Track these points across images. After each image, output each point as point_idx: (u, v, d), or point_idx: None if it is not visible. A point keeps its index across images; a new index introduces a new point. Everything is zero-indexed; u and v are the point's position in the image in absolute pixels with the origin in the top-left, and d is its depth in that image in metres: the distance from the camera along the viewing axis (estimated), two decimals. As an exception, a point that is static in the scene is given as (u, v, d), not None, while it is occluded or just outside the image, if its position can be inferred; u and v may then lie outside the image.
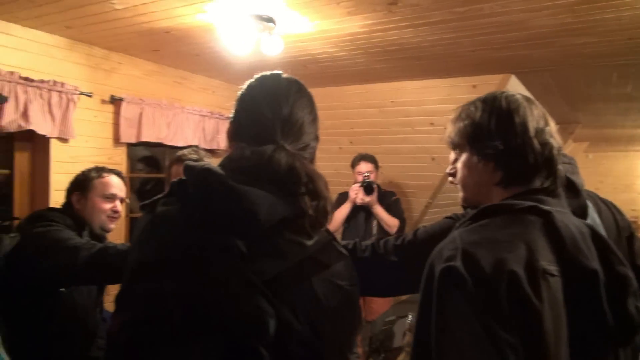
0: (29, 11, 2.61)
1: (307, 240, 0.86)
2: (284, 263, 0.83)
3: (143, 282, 0.86)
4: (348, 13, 2.52)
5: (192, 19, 2.65)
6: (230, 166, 0.90)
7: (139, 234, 0.93)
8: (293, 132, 0.95)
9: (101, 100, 3.35)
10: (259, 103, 0.97)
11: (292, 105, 0.96)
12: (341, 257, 0.92)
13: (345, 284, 0.90)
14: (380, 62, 3.49)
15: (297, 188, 0.87)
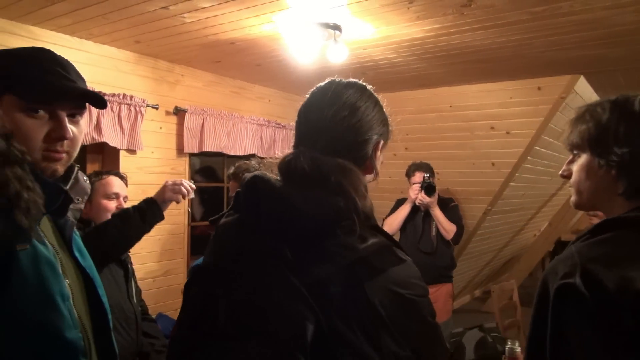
0: (103, 27, 2.69)
1: (360, 243, 0.80)
2: (332, 267, 0.78)
3: (197, 285, 0.90)
4: (417, 18, 2.48)
5: (258, 30, 2.66)
6: (285, 172, 0.90)
7: (208, 245, 0.97)
8: (356, 139, 0.93)
9: (165, 111, 3.43)
10: (320, 109, 0.96)
11: (355, 111, 0.94)
12: (400, 262, 0.84)
13: (407, 293, 0.81)
14: (440, 66, 3.42)
15: (348, 191, 0.84)
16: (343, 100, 0.94)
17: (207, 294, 0.84)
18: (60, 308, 0.90)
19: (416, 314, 0.81)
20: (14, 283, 0.82)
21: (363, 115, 0.94)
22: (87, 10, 2.43)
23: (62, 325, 0.89)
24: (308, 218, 0.80)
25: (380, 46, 2.99)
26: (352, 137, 0.92)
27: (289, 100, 4.51)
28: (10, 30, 2.61)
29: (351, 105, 0.93)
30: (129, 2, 2.31)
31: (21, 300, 0.83)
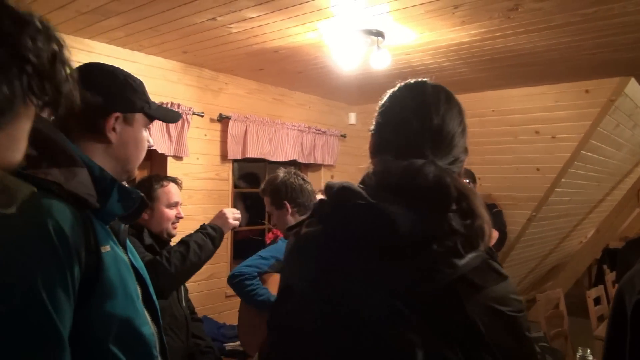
0: (153, 39, 2.79)
1: (458, 259, 0.76)
2: (431, 285, 0.74)
3: (287, 304, 0.86)
4: (462, 22, 2.46)
5: (302, 38, 2.71)
6: (372, 182, 0.86)
7: (286, 256, 0.94)
8: (444, 145, 0.87)
9: (210, 119, 3.52)
10: (405, 113, 0.90)
11: (442, 115, 0.88)
12: (500, 278, 0.80)
13: (508, 310, 0.77)
14: (484, 70, 3.37)
15: (447, 205, 0.79)
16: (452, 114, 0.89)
17: (295, 314, 0.82)
18: (137, 305, 0.96)
19: (516, 331, 0.78)
20: (102, 282, 0.87)
21: (462, 131, 0.91)
22: (139, 23, 2.53)
23: (139, 321, 0.94)
24: (405, 233, 0.76)
25: (423, 51, 2.98)
26: (456, 154, 0.89)
27: (329, 106, 4.54)
28: (68, 44, 2.73)
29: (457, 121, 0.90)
30: (178, 15, 2.40)
31: (109, 298, 0.88)
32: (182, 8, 2.30)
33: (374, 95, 4.52)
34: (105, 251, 0.90)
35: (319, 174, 4.50)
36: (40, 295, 0.76)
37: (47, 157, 0.89)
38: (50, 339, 0.77)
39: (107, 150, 1.03)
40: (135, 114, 1.07)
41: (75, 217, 0.85)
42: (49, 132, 0.93)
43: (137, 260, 1.09)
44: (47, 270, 0.78)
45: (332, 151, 4.40)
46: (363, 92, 4.21)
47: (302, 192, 2.10)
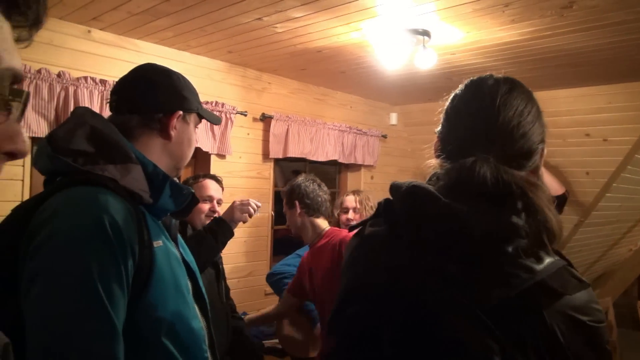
0: (200, 39, 2.85)
1: (536, 264, 0.72)
2: (507, 290, 0.71)
3: (351, 306, 0.84)
4: (512, 21, 2.39)
5: (346, 37, 2.70)
6: (438, 183, 0.83)
7: (348, 256, 0.92)
8: (501, 139, 0.82)
9: (253, 118, 3.56)
10: (460, 112, 0.88)
11: (498, 108, 0.83)
12: (581, 285, 0.75)
13: (588, 320, 0.73)
14: (532, 70, 3.27)
15: (510, 204, 0.75)
16: (513, 103, 0.84)
17: (360, 316, 0.80)
18: (188, 299, 0.98)
19: (597, 342, 0.74)
20: (156, 276, 0.89)
21: (532, 120, 0.84)
22: (188, 23, 2.58)
23: (190, 315, 0.96)
24: (479, 235, 0.72)
25: (469, 51, 2.92)
26: (526, 146, 0.83)
27: (370, 106, 4.52)
28: (119, 44, 2.84)
29: (521, 110, 0.84)
30: (226, 15, 2.44)
31: (162, 291, 0.90)
32: (229, 8, 2.34)
33: (416, 95, 4.48)
34: (157, 246, 0.92)
35: (358, 174, 4.48)
36: (95, 286, 0.79)
37: (104, 154, 0.93)
38: (104, 329, 0.79)
39: (165, 147, 1.06)
40: (192, 113, 1.11)
41: (130, 212, 0.87)
42: (106, 129, 0.97)
43: (188, 255, 1.12)
44: (103, 263, 0.81)
45: (372, 151, 4.38)
46: (405, 93, 4.16)
47: (312, 195, 2.22)
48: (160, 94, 1.06)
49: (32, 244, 0.81)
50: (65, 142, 0.92)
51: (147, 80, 1.08)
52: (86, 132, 0.94)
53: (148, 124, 1.04)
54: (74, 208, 0.85)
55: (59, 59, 2.61)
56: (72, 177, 0.89)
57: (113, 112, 1.07)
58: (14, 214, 0.90)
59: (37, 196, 0.90)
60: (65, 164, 0.90)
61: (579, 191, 4.00)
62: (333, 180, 4.53)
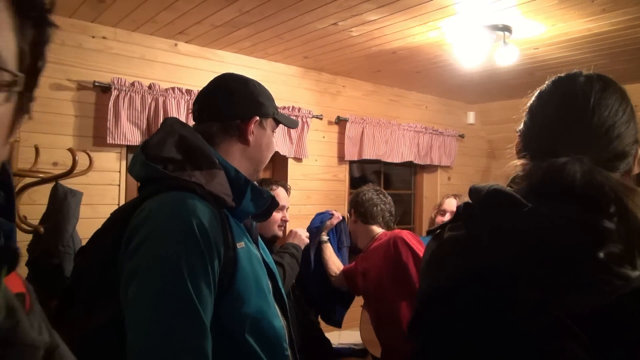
0: (277, 47, 2.94)
1: (631, 270, 0.67)
2: (598, 297, 0.67)
3: (431, 310, 0.83)
4: (602, 11, 2.24)
5: (423, 37, 2.66)
6: (522, 185, 0.80)
7: (427, 260, 0.90)
8: (596, 139, 0.78)
9: (328, 121, 3.61)
10: (547, 109, 0.84)
11: (593, 107, 0.79)
12: None
13: None
14: (628, 61, 3.04)
15: (602, 207, 0.70)
16: (608, 102, 0.80)
17: (440, 320, 0.80)
18: (269, 299, 1.02)
19: None
20: (239, 276, 0.94)
21: (627, 119, 0.80)
22: (265, 32, 2.67)
23: (271, 314, 1.00)
24: (568, 240, 0.70)
25: (554, 44, 2.76)
26: (620, 147, 0.79)
27: (446, 106, 4.42)
28: (202, 55, 3.00)
29: (616, 109, 0.80)
30: (302, 22, 2.49)
31: (245, 291, 0.95)
32: (305, 15, 2.39)
33: (495, 93, 4.30)
34: (240, 247, 0.97)
35: (435, 175, 4.39)
36: (186, 285, 0.84)
37: (191, 160, 0.99)
38: (194, 325, 0.84)
39: (244, 152, 1.11)
40: (269, 118, 1.15)
41: (215, 215, 0.92)
42: (192, 138, 1.03)
43: (268, 256, 1.16)
44: (192, 264, 0.86)
45: (449, 152, 4.27)
46: (484, 90, 4.02)
47: (367, 204, 2.30)
48: (238, 101, 1.11)
49: (130, 245, 0.88)
50: (157, 151, 0.99)
51: (225, 89, 1.14)
52: (175, 141, 1.01)
53: (227, 130, 1.09)
54: (166, 212, 0.91)
55: (149, 71, 2.80)
56: (164, 183, 0.95)
57: (196, 121, 1.13)
58: (113, 217, 0.99)
59: (133, 201, 0.98)
60: (157, 170, 0.97)
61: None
62: (409, 182, 4.47)
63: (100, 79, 2.61)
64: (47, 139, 2.48)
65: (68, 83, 2.56)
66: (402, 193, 4.42)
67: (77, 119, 2.59)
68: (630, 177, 0.81)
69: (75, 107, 2.59)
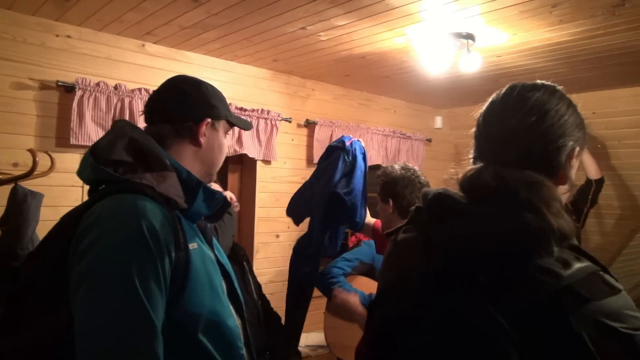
0: (246, 49, 2.94)
1: (563, 269, 0.71)
2: (531, 295, 0.70)
3: (382, 308, 0.87)
4: (560, 22, 2.33)
5: (390, 43, 2.71)
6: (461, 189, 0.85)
7: (384, 261, 0.95)
8: (506, 144, 0.84)
9: (297, 124, 3.63)
10: (483, 118, 0.91)
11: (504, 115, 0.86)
12: (612, 291, 0.73)
13: (622, 327, 0.71)
14: (584, 70, 3.16)
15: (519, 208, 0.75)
16: (530, 104, 0.85)
17: (394, 318, 0.83)
18: (222, 299, 1.03)
19: (634, 350, 0.72)
20: (191, 277, 0.95)
21: (554, 120, 0.83)
22: (234, 35, 2.67)
23: (225, 314, 1.01)
24: (499, 239, 0.73)
25: (516, 52, 2.86)
26: (543, 145, 0.83)
27: (414, 110, 4.49)
28: (170, 56, 2.97)
29: (540, 108, 0.84)
30: (271, 26, 2.50)
31: (198, 291, 0.96)
32: (274, 19, 2.40)
33: (461, 98, 4.41)
34: (193, 248, 0.97)
35: (403, 178, 4.46)
36: (135, 286, 0.85)
37: (142, 163, 0.99)
38: (144, 327, 0.85)
39: (196, 154, 1.11)
40: (221, 120, 1.16)
41: (166, 217, 0.93)
42: (143, 140, 1.03)
43: (223, 257, 1.17)
44: (141, 265, 0.87)
45: (417, 156, 4.35)
46: (451, 96, 4.12)
47: (410, 198, 1.99)
48: (189, 104, 1.12)
49: (78, 249, 0.88)
50: (106, 153, 0.98)
51: (177, 91, 1.14)
52: (126, 143, 1.01)
53: (179, 132, 1.09)
54: (115, 214, 0.91)
55: (116, 72, 2.76)
56: (114, 186, 0.95)
57: (147, 123, 1.13)
58: (62, 222, 0.97)
59: (82, 205, 0.97)
60: (107, 173, 0.96)
61: (635, 195, 3.81)
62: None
63: (64, 79, 2.56)
64: (7, 139, 2.42)
65: (30, 82, 2.50)
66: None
67: (39, 119, 2.53)
68: (567, 176, 0.85)
69: (37, 106, 2.53)
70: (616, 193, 3.90)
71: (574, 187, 0.88)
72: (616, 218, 4.03)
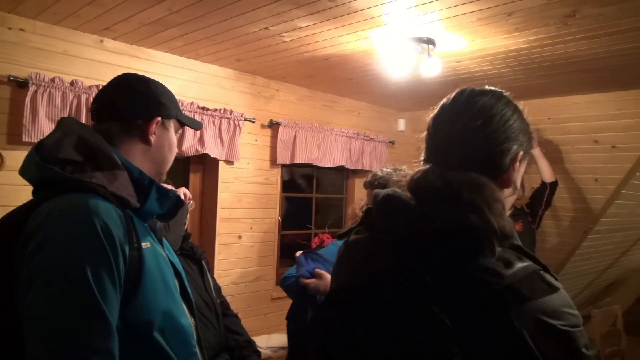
0: (209, 48, 2.91)
1: (505, 269, 0.74)
2: (474, 295, 0.73)
3: (331, 309, 0.88)
4: (516, 30, 2.41)
5: (353, 46, 2.73)
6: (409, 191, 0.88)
7: (335, 263, 0.96)
8: (450, 148, 0.87)
9: (261, 125, 3.61)
10: (432, 121, 0.94)
11: (452, 118, 0.89)
12: (550, 290, 0.75)
13: (560, 324, 0.73)
14: (540, 77, 3.28)
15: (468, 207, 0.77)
16: (477, 108, 0.87)
17: (344, 318, 0.84)
18: (176, 298, 1.03)
19: (571, 346, 0.74)
20: (146, 275, 0.94)
21: (499, 124, 0.86)
22: (197, 33, 2.64)
23: (178, 312, 1.01)
24: (444, 240, 0.76)
25: (475, 58, 2.93)
26: (487, 149, 0.85)
27: (378, 112, 4.55)
28: (130, 53, 2.90)
29: (486, 113, 0.86)
30: (233, 25, 2.48)
31: (152, 290, 0.95)
32: (237, 19, 2.39)
33: (424, 101, 4.49)
34: (145, 247, 0.97)
35: (366, 180, 4.50)
36: (89, 286, 0.83)
37: (91, 162, 0.97)
38: (99, 326, 0.84)
39: (146, 153, 1.10)
40: (171, 119, 1.15)
41: (119, 215, 0.92)
42: (92, 138, 1.01)
43: (173, 256, 1.16)
44: (96, 264, 0.85)
45: (380, 158, 4.40)
46: (413, 99, 4.18)
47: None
48: (139, 101, 1.10)
49: (27, 249, 0.85)
50: (53, 152, 0.96)
51: (126, 88, 1.12)
52: (74, 142, 0.98)
53: (128, 130, 1.08)
54: (67, 214, 0.89)
55: (72, 68, 2.68)
56: (63, 185, 0.92)
57: (94, 121, 1.10)
58: (5, 222, 0.94)
59: (27, 204, 0.94)
60: (55, 172, 0.93)
61: (587, 198, 3.98)
62: (340, 186, 4.56)
63: (16, 73, 2.47)
64: (-47, 136, 2.30)
65: (-21, 76, 2.40)
66: (334, 197, 4.50)
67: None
68: (511, 179, 0.87)
69: (-13, 102, 2.43)
70: (570, 196, 4.06)
71: (519, 190, 0.90)
72: (570, 220, 4.19)
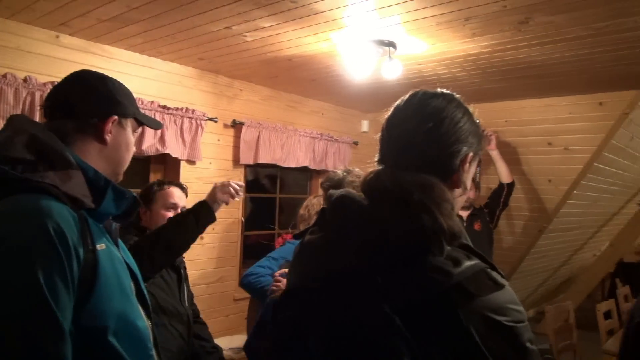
0: (170, 46, 2.86)
1: (453, 267, 0.75)
2: (423, 293, 0.74)
3: (284, 310, 0.89)
4: (473, 34, 2.48)
5: (315, 47, 2.75)
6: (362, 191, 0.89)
7: (291, 263, 0.97)
8: (402, 149, 0.89)
9: (224, 124, 3.58)
10: (386, 123, 0.95)
11: (405, 120, 0.91)
12: (495, 287, 0.77)
13: (505, 320, 0.75)
14: (496, 81, 3.38)
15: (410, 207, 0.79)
16: (428, 111, 0.88)
17: (296, 318, 0.84)
18: (132, 300, 1.01)
19: (516, 341, 0.76)
20: (100, 278, 0.92)
21: (449, 127, 0.87)
22: (157, 31, 2.59)
23: (134, 315, 0.99)
24: (395, 240, 0.77)
25: (435, 62, 3.00)
26: (438, 150, 0.87)
27: (341, 113, 4.58)
28: (88, 49, 2.83)
29: (436, 115, 0.88)
30: (194, 24, 2.46)
31: (107, 292, 0.93)
32: (198, 17, 2.36)
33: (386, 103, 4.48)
34: (101, 249, 0.94)
35: (330, 180, 4.53)
36: (42, 290, 0.81)
37: (43, 161, 0.94)
38: (51, 330, 0.81)
39: (101, 152, 1.07)
40: (128, 118, 1.12)
41: (72, 217, 0.89)
42: (44, 137, 0.97)
43: (129, 257, 1.14)
44: (48, 267, 0.83)
45: (343, 158, 4.43)
46: (376, 101, 4.24)
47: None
48: (95, 99, 1.07)
49: None
50: (3, 150, 0.92)
51: (81, 85, 1.09)
52: (25, 140, 0.94)
53: (83, 129, 1.04)
54: (17, 216, 0.86)
55: (26, 63, 2.59)
56: (12, 185, 0.89)
57: (47, 118, 1.06)
58: None
59: None
60: (3, 172, 0.90)
61: (542, 198, 4.13)
62: (304, 187, 4.57)
63: (-36, 68, 2.37)
64: None
65: None
66: (298, 197, 4.50)
67: None
68: (461, 180, 0.90)
69: None
70: (525, 196, 4.21)
71: (468, 191, 0.93)
72: (525, 219, 4.34)
